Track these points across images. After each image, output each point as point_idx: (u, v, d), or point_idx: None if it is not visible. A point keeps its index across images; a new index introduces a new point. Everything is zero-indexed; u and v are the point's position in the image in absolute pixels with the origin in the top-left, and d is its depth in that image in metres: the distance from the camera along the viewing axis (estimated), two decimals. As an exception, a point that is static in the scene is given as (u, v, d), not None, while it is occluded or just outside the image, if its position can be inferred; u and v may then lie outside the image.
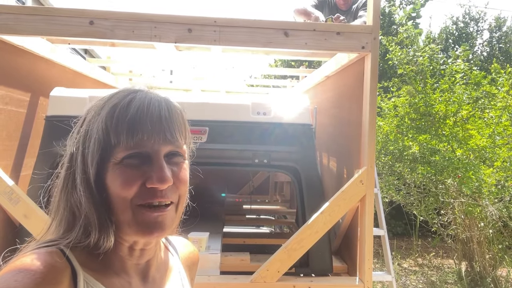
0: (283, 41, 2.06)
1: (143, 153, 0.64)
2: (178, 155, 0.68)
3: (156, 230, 0.64)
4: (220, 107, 2.27)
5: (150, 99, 0.66)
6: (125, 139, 0.62)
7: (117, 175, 0.62)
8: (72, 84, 2.79)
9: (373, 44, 2.07)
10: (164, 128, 0.65)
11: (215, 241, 2.31)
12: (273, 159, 2.22)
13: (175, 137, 0.66)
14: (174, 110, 0.67)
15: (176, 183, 0.66)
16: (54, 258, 0.60)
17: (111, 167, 0.63)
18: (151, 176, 0.63)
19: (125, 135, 0.62)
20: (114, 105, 0.64)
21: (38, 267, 0.57)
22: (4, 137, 2.15)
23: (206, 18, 2.03)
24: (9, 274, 0.56)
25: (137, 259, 0.70)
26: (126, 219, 0.63)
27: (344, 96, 2.57)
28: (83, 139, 0.65)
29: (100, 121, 0.64)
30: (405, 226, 6.85)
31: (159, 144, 0.64)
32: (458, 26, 10.56)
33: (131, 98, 0.65)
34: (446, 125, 5.08)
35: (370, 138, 2.05)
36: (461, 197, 4.68)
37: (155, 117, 0.64)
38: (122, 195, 0.62)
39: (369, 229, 2.06)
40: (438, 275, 5.34)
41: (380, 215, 3.09)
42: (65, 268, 0.61)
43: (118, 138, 0.62)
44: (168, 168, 0.65)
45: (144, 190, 0.63)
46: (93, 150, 0.63)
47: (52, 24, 1.96)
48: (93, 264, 0.65)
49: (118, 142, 0.62)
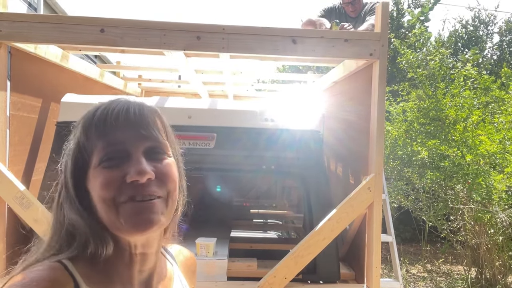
0: (291, 48, 2.07)
1: (120, 152, 0.63)
2: (159, 151, 0.67)
3: (144, 220, 0.62)
4: (228, 113, 2.29)
5: (118, 103, 0.66)
6: (96, 141, 0.63)
7: (96, 177, 0.63)
8: (82, 90, 2.83)
9: (381, 51, 2.07)
10: (135, 123, 0.65)
11: (222, 246, 2.31)
12: (280, 165, 2.22)
13: (150, 132, 0.65)
14: (146, 109, 0.67)
15: (161, 178, 0.65)
16: (57, 272, 0.61)
17: (91, 173, 0.64)
18: (129, 170, 0.62)
19: (95, 137, 0.63)
20: (84, 116, 0.67)
21: (42, 282, 0.58)
22: (16, 142, 2.19)
23: (215, 25, 2.05)
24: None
25: (140, 265, 0.69)
26: (112, 219, 0.62)
27: (352, 102, 2.57)
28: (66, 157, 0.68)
29: (75, 136, 0.66)
30: (413, 232, 6.78)
31: (134, 140, 0.64)
32: (467, 29, 10.48)
33: (99, 106, 0.67)
34: (456, 130, 5.04)
35: (378, 145, 2.05)
36: (471, 203, 4.63)
37: (122, 114, 0.64)
38: (104, 196, 0.62)
39: (377, 236, 2.06)
40: (447, 281, 5.28)
41: (388, 221, 3.07)
42: (68, 282, 0.61)
43: (90, 143, 0.64)
44: (148, 163, 0.64)
45: (125, 186, 0.62)
46: (69, 161, 0.65)
47: (64, 32, 1.99)
48: (96, 276, 0.65)
49: (92, 147, 0.64)
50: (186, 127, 2.16)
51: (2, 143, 2.07)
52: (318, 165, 2.26)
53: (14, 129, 2.17)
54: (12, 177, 2.01)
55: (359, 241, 2.25)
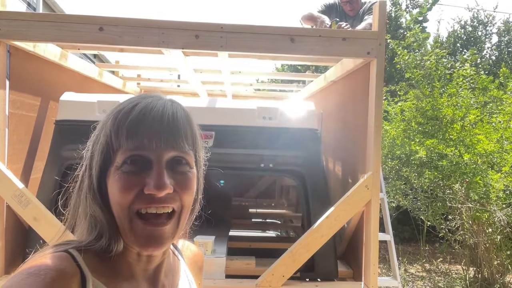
0: (289, 47, 2.08)
1: (144, 158, 0.62)
2: (183, 163, 0.66)
3: (152, 244, 0.63)
4: (226, 111, 2.30)
5: (156, 103, 0.64)
6: (124, 142, 0.62)
7: (116, 180, 0.63)
8: (81, 89, 2.83)
9: (378, 49, 2.08)
10: (166, 132, 0.63)
11: (221, 244, 2.32)
12: (278, 164, 2.23)
13: (178, 142, 0.64)
14: (179, 114, 0.65)
15: (178, 192, 0.64)
16: (64, 262, 0.61)
17: (112, 172, 0.64)
18: (149, 182, 0.61)
19: (124, 138, 0.62)
20: (119, 110, 0.65)
21: (49, 272, 0.58)
22: (15, 141, 2.19)
23: (213, 24, 2.05)
24: (20, 277, 0.57)
25: (145, 265, 0.70)
26: (125, 227, 0.64)
27: (350, 101, 2.58)
28: (92, 145, 0.67)
29: (105, 127, 0.65)
30: (412, 231, 6.80)
31: (161, 149, 0.63)
32: (466, 30, 10.51)
33: (136, 103, 0.65)
34: (453, 129, 5.06)
35: (375, 143, 2.06)
36: (469, 203, 4.65)
37: (157, 120, 0.63)
38: (120, 201, 0.62)
39: (374, 234, 2.07)
40: (446, 281, 5.29)
41: (386, 220, 3.08)
42: (75, 273, 0.61)
43: (118, 141, 0.62)
44: (169, 176, 0.63)
45: (142, 196, 0.62)
46: (98, 154, 0.65)
47: (62, 31, 2.00)
48: (103, 269, 0.65)
49: (119, 146, 0.63)
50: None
51: (1, 141, 2.07)
52: (316, 163, 2.27)
53: (13, 127, 2.17)
54: (11, 175, 2.02)
55: (357, 239, 2.26)
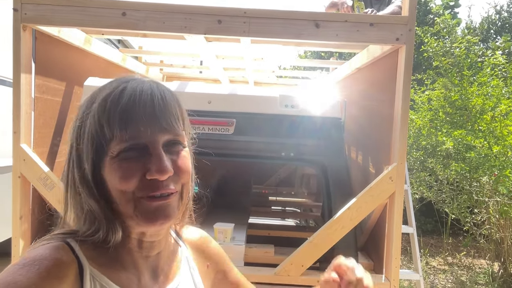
0: (314, 32, 2.01)
1: (140, 145, 0.62)
2: (177, 143, 0.66)
3: (160, 217, 0.63)
4: (247, 99, 2.26)
5: (142, 87, 0.63)
6: (118, 132, 0.60)
7: (115, 170, 0.61)
8: (105, 74, 2.86)
9: (408, 35, 1.99)
10: (159, 117, 0.63)
11: (240, 232, 2.32)
12: (300, 153, 2.19)
13: (171, 125, 0.64)
14: (168, 96, 0.65)
15: (177, 172, 0.64)
16: (60, 252, 0.60)
17: (108, 162, 0.62)
18: (150, 167, 0.61)
19: (118, 128, 0.60)
20: (105, 96, 0.62)
21: (43, 261, 0.57)
22: (41, 125, 2.24)
23: (236, 9, 2.01)
24: (15, 268, 0.56)
25: (147, 252, 0.69)
26: (128, 212, 0.63)
27: (376, 89, 2.49)
28: (77, 134, 0.64)
29: (92, 115, 0.62)
30: (435, 224, 6.65)
31: (155, 134, 0.62)
32: (501, 15, 10.00)
33: (123, 88, 0.63)
34: (483, 120, 4.86)
35: (401, 134, 1.99)
36: (497, 196, 4.49)
37: (148, 106, 0.62)
38: (122, 189, 0.61)
39: (397, 227, 2.01)
40: (469, 275, 5.17)
41: (409, 212, 3.01)
42: (71, 262, 0.60)
43: (112, 131, 0.60)
44: (167, 158, 0.63)
45: (145, 182, 0.62)
46: (87, 145, 0.62)
47: (86, 15, 2.01)
48: (101, 258, 0.64)
49: (113, 136, 0.61)
50: (206, 112, 2.15)
51: (28, 125, 2.12)
52: (338, 153, 2.22)
53: (38, 111, 2.22)
54: (36, 158, 2.06)
55: (379, 231, 2.22)
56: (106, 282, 0.63)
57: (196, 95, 2.21)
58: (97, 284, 0.62)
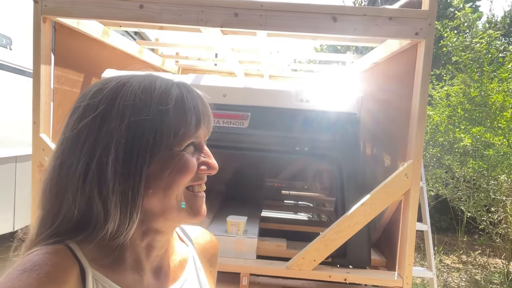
0: (331, 26, 1.99)
1: (198, 141, 0.67)
2: None
3: (203, 211, 0.68)
4: (262, 92, 2.26)
5: (186, 85, 0.68)
6: (194, 129, 0.64)
7: (178, 162, 0.63)
8: (122, 66, 2.89)
9: (428, 30, 1.95)
10: (211, 117, 0.69)
11: (252, 225, 2.33)
12: (314, 148, 2.18)
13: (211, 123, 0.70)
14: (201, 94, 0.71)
15: None
16: (61, 256, 0.58)
17: (167, 156, 0.61)
18: (206, 162, 0.67)
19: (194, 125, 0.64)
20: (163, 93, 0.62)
21: (44, 266, 0.55)
22: (59, 115, 2.28)
23: (253, 2, 2.00)
24: (14, 274, 0.54)
25: (152, 251, 0.68)
26: (174, 203, 0.63)
27: (393, 84, 2.46)
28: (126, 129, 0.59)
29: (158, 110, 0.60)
30: (450, 221, 6.55)
31: (206, 133, 0.69)
32: (524, 9, 9.67)
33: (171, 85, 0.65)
34: (503, 117, 4.74)
35: (418, 130, 1.96)
36: (515, 195, 4.39)
37: (205, 104, 0.68)
38: (181, 181, 0.63)
39: (411, 224, 1.99)
40: (483, 274, 5.09)
41: (424, 210, 2.98)
42: (73, 266, 0.58)
43: (197, 127, 0.65)
44: None
45: (197, 175, 0.66)
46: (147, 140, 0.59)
47: (104, 8, 2.02)
48: (104, 259, 0.62)
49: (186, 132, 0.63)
50: (221, 106, 2.16)
51: (47, 115, 2.16)
52: (353, 148, 2.20)
53: (57, 102, 2.26)
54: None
55: (393, 228, 2.20)
56: (109, 285, 0.61)
57: (211, 88, 2.21)
58: (100, 287, 0.60)
